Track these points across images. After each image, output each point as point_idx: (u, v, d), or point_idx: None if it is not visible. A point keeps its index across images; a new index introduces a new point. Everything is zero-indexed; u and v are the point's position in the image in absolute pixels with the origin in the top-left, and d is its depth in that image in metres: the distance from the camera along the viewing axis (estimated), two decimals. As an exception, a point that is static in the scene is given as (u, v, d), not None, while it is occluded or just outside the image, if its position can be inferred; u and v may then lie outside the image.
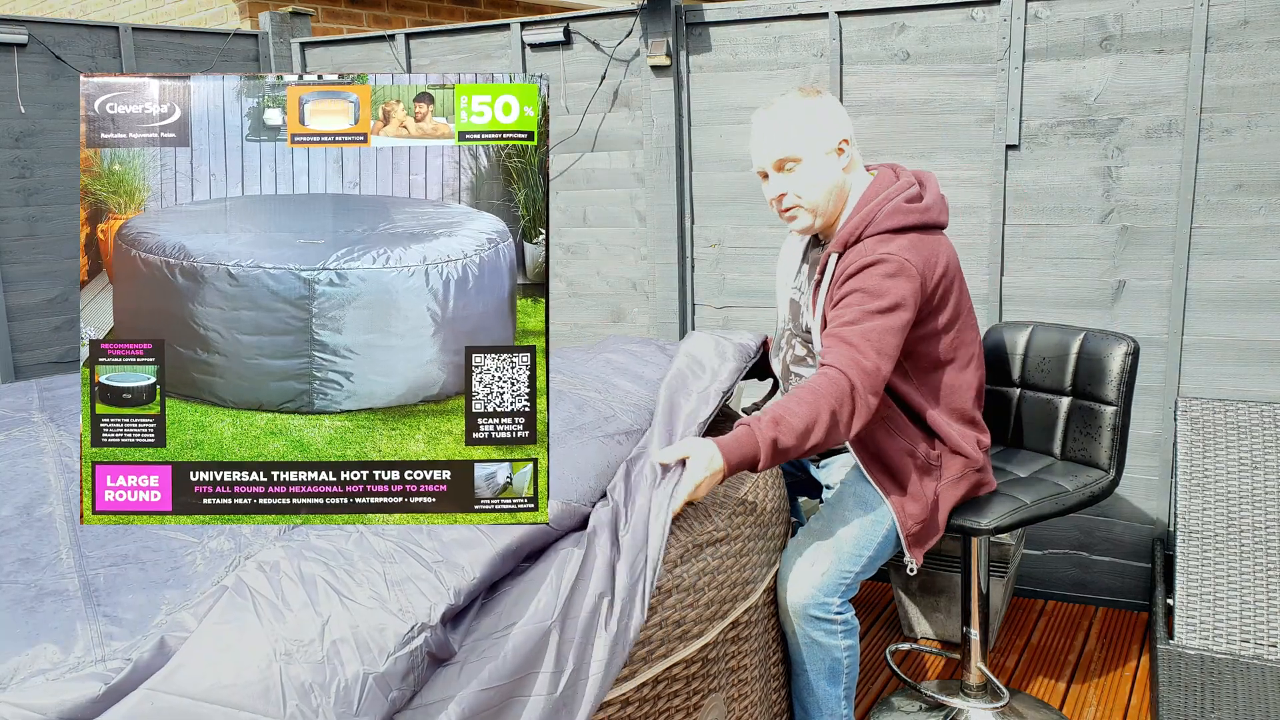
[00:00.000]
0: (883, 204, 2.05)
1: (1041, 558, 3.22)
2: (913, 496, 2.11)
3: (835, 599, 2.03)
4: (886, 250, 1.99)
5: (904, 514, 2.10)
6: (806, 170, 2.07)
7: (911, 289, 1.98)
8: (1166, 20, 2.83)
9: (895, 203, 2.05)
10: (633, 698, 1.65)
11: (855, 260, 2.02)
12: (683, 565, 1.75)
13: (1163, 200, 2.91)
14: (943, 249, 2.07)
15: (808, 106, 2.08)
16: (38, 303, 3.58)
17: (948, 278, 2.07)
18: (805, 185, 2.08)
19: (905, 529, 2.10)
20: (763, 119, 2.11)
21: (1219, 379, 2.92)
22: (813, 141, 2.07)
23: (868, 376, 1.93)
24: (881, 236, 2.03)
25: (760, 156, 2.11)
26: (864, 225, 2.05)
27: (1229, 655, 2.29)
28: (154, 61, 3.79)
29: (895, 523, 2.11)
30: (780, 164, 2.08)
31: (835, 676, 2.07)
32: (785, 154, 2.07)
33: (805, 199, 2.09)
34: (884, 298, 1.97)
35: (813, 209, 2.10)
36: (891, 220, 2.04)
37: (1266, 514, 2.50)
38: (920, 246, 2.02)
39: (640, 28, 3.44)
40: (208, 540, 1.65)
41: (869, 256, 2.00)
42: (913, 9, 3.10)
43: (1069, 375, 2.42)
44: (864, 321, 1.96)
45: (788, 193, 2.10)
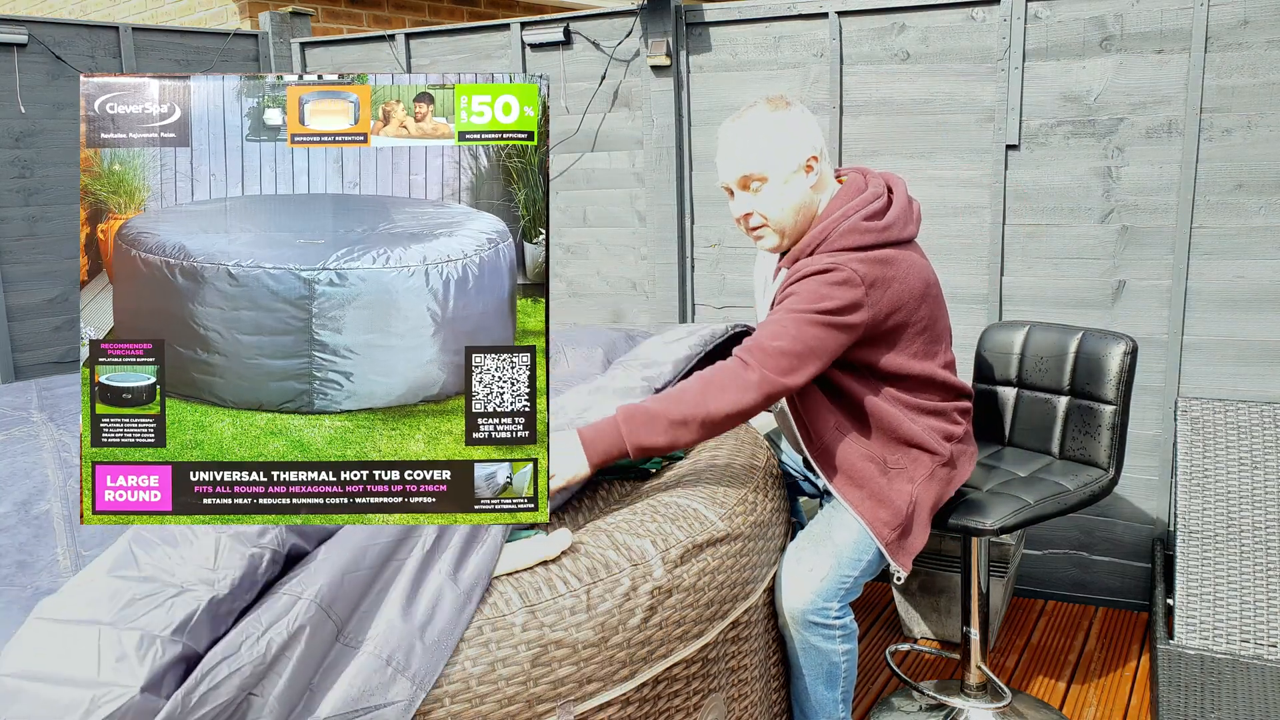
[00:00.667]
0: (839, 221, 1.99)
1: (1041, 558, 3.22)
2: (883, 503, 2.05)
3: (834, 604, 2.02)
4: (833, 260, 1.94)
5: (876, 520, 2.04)
6: (773, 189, 2.00)
7: (853, 298, 1.92)
8: (1166, 20, 2.84)
9: (852, 221, 1.99)
10: (633, 698, 1.65)
11: (801, 268, 1.98)
12: (683, 565, 1.75)
13: (1163, 200, 2.92)
14: (901, 266, 1.99)
15: (776, 121, 2.00)
16: (38, 303, 3.58)
17: (905, 295, 1.99)
18: (771, 205, 2.01)
19: (882, 538, 2.04)
20: (729, 133, 2.03)
21: (1219, 379, 2.92)
22: (781, 160, 1.99)
23: (765, 354, 1.90)
24: (833, 255, 1.97)
25: (726, 172, 2.04)
26: (817, 243, 2.00)
27: (1229, 655, 2.29)
28: (154, 61, 3.79)
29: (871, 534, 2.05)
30: (745, 182, 2.02)
31: (833, 680, 2.07)
32: (751, 171, 2.00)
33: (772, 219, 2.03)
34: (818, 301, 1.92)
35: (779, 229, 2.04)
36: (846, 240, 1.98)
37: (1266, 514, 2.50)
38: (873, 263, 1.96)
39: (640, 28, 3.44)
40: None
41: (815, 265, 1.95)
42: (913, 9, 3.10)
43: (1067, 375, 2.42)
44: (784, 315, 1.93)
45: (753, 212, 2.03)
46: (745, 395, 1.90)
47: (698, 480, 2.03)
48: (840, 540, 2.06)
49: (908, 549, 2.08)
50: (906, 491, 2.08)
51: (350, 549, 1.48)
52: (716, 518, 1.88)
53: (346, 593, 1.42)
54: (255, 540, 1.42)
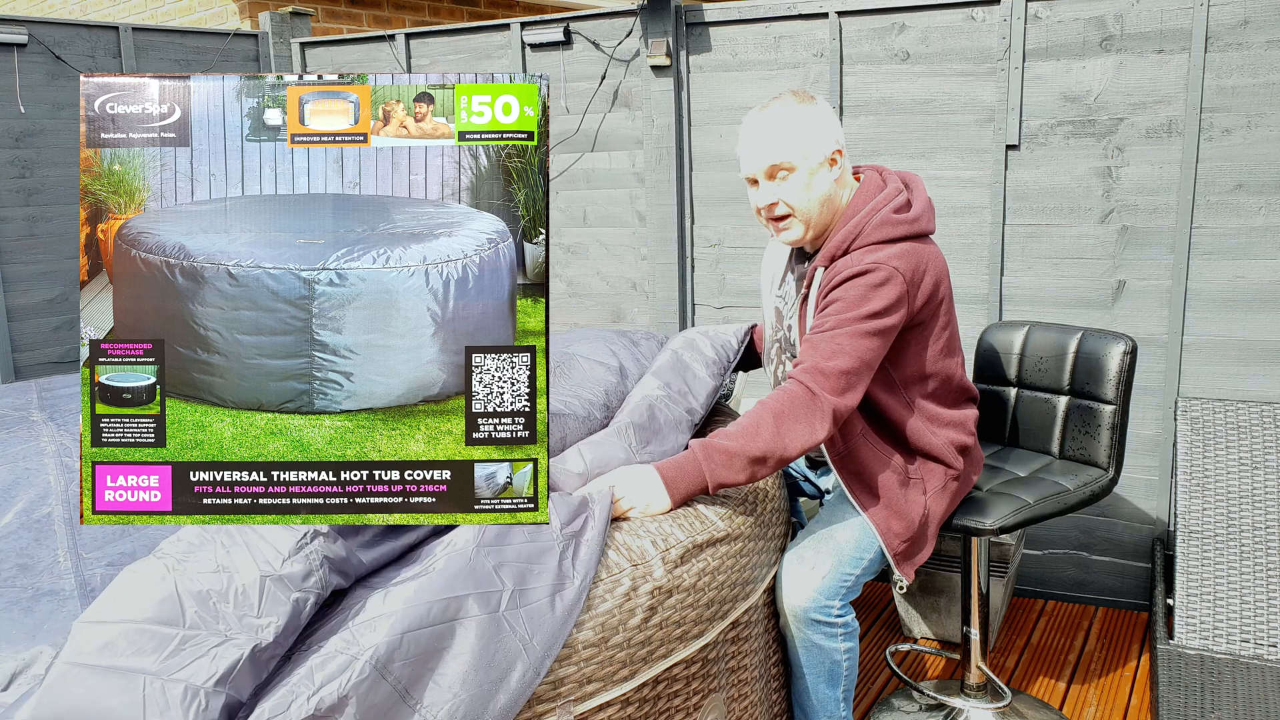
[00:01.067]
0: (870, 215, 2.01)
1: (1041, 558, 3.23)
2: (897, 513, 2.07)
3: (836, 602, 2.02)
4: (874, 259, 1.96)
5: (889, 532, 2.06)
6: (800, 180, 2.01)
7: (897, 295, 1.94)
8: (1166, 20, 2.84)
9: (883, 214, 2.01)
10: (633, 698, 1.65)
11: (842, 270, 1.98)
12: (683, 565, 1.75)
13: (1163, 200, 2.92)
14: (931, 257, 2.03)
15: (804, 114, 2.02)
16: (38, 303, 3.58)
17: (936, 286, 2.03)
18: (798, 195, 2.02)
19: (891, 548, 2.05)
20: (756, 122, 2.04)
21: (1219, 379, 2.92)
22: (808, 151, 2.00)
23: (824, 375, 1.91)
24: (870, 248, 1.99)
25: (752, 162, 2.04)
26: (852, 238, 2.01)
27: (1229, 655, 2.29)
28: (154, 61, 3.79)
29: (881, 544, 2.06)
30: (773, 171, 2.02)
31: (834, 679, 2.07)
32: (779, 161, 2.01)
33: (799, 209, 2.03)
34: (864, 305, 1.93)
35: (805, 220, 2.04)
36: (880, 233, 2.00)
37: (1266, 514, 2.50)
38: (909, 255, 1.98)
39: (640, 28, 3.44)
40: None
41: (856, 266, 1.96)
42: (913, 9, 3.10)
43: (1067, 375, 2.42)
44: (839, 328, 1.93)
45: (779, 201, 2.03)
46: (819, 428, 1.91)
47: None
48: (842, 539, 2.06)
49: (914, 560, 2.10)
50: (920, 503, 2.09)
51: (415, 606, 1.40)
52: (716, 518, 1.88)
53: (406, 653, 1.35)
54: (299, 584, 1.37)
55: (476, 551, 1.50)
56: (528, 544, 1.56)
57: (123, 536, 1.66)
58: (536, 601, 1.50)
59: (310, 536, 1.44)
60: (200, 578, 1.34)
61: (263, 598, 1.34)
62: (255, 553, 1.40)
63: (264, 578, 1.36)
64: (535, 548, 1.56)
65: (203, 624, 1.29)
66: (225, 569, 1.36)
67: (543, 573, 1.53)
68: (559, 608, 1.51)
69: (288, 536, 1.43)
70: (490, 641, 1.42)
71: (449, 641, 1.40)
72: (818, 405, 1.90)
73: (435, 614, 1.40)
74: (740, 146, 2.07)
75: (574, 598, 1.54)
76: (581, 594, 1.55)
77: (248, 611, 1.32)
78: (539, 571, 1.53)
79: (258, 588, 1.34)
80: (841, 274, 1.98)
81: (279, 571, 1.37)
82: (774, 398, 1.92)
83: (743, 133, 2.06)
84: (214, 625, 1.29)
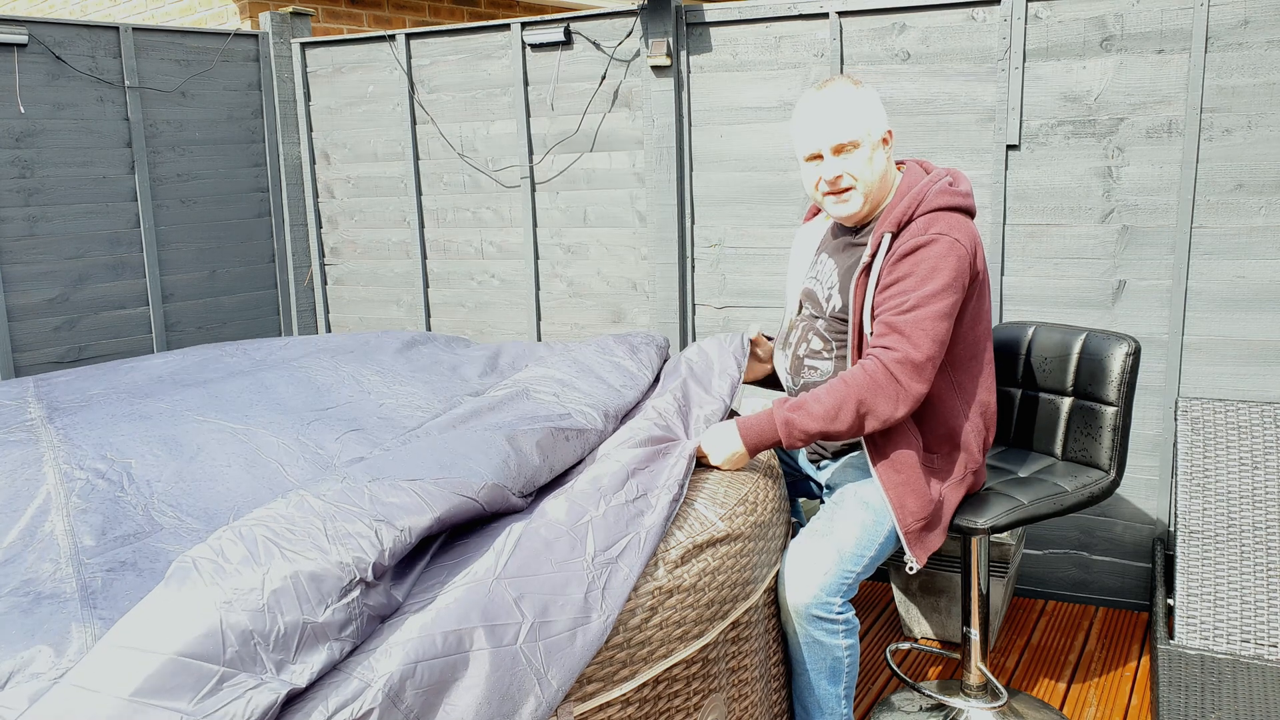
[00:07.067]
0: (929, 186, 2.12)
1: (1042, 558, 3.22)
2: (915, 492, 2.11)
3: (837, 599, 2.03)
4: (938, 230, 2.06)
5: (903, 510, 2.10)
6: (864, 154, 2.12)
7: (962, 267, 2.05)
8: (1166, 20, 2.83)
9: (940, 184, 2.12)
10: (633, 698, 1.65)
11: (910, 239, 2.07)
12: (683, 565, 1.75)
13: (1163, 200, 2.91)
14: (976, 233, 2.15)
15: (863, 95, 2.13)
16: (38, 303, 3.58)
17: (983, 260, 2.14)
18: (863, 168, 2.13)
19: (905, 526, 2.10)
20: (818, 101, 2.13)
21: (1219, 379, 2.92)
22: (870, 129, 2.12)
23: (915, 367, 2.02)
24: (932, 215, 2.08)
25: (818, 138, 2.13)
26: (915, 204, 2.11)
27: (1229, 655, 2.29)
28: (154, 61, 3.79)
29: (895, 521, 2.11)
30: (840, 148, 2.12)
31: (836, 676, 2.08)
32: (848, 138, 2.11)
33: (862, 181, 2.13)
34: (936, 278, 2.03)
35: (867, 192, 2.14)
36: (940, 199, 2.10)
37: (1266, 514, 2.50)
38: (965, 227, 2.09)
39: (640, 28, 3.44)
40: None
41: (923, 236, 2.06)
42: (913, 9, 3.10)
43: (1070, 376, 2.42)
44: (919, 308, 2.03)
45: (844, 174, 2.13)
46: (896, 413, 2.05)
47: (698, 480, 2.03)
48: (843, 536, 2.08)
49: (927, 544, 2.14)
50: (938, 489, 2.15)
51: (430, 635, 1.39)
52: (717, 518, 1.88)
53: (420, 681, 1.34)
54: (337, 634, 1.36)
55: (496, 583, 1.50)
56: (554, 574, 1.56)
57: (122, 544, 1.66)
58: (557, 635, 1.49)
59: (357, 584, 1.42)
60: (246, 616, 1.33)
61: (300, 644, 1.34)
62: (299, 590, 1.38)
63: (305, 624, 1.35)
64: (561, 578, 1.56)
65: (241, 664, 1.29)
66: (270, 609, 1.35)
67: (566, 605, 1.52)
68: (579, 641, 1.50)
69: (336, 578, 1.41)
70: (505, 674, 1.42)
71: (462, 672, 1.39)
72: (901, 396, 2.03)
73: (451, 645, 1.40)
74: (801, 124, 2.17)
75: (597, 632, 1.53)
76: (606, 628, 1.54)
77: (285, 657, 1.32)
78: (562, 604, 1.52)
79: (298, 634, 1.34)
80: (909, 242, 2.07)
81: (320, 620, 1.36)
82: (860, 383, 2.04)
83: (804, 111, 2.16)
84: (251, 666, 1.29)
